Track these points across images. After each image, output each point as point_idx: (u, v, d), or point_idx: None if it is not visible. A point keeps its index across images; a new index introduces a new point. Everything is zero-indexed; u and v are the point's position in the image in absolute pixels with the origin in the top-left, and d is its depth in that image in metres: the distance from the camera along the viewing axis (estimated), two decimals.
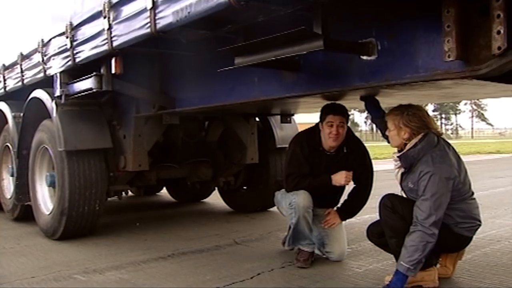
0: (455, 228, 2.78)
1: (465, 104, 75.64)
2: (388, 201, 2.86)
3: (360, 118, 73.09)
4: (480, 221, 2.89)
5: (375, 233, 3.11)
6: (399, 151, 2.88)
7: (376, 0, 2.34)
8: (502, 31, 1.79)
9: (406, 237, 2.66)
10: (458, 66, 2.03)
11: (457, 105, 73.10)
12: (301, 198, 3.36)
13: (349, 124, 3.56)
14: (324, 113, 3.43)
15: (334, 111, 3.40)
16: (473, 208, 2.87)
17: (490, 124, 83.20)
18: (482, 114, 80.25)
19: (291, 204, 3.38)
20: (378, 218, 3.04)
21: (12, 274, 3.46)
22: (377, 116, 3.30)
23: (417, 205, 2.67)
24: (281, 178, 3.98)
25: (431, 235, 2.61)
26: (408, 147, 2.80)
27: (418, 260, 2.62)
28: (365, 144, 3.79)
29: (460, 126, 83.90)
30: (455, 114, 79.80)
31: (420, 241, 2.60)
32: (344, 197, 3.72)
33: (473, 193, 2.88)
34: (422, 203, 2.64)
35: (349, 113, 3.68)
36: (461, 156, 2.95)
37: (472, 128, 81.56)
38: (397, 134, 2.85)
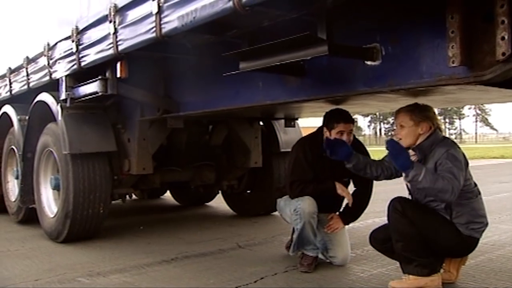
0: (466, 231, 2.76)
1: (469, 108, 75.53)
2: (398, 204, 2.85)
3: (363, 122, 73.13)
4: (487, 219, 2.89)
5: (378, 239, 3.11)
6: (411, 149, 2.93)
7: (380, 6, 2.35)
8: (506, 37, 1.80)
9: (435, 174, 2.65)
10: (462, 72, 2.03)
11: (461, 109, 72.96)
12: (306, 204, 3.35)
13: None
14: (334, 121, 3.37)
15: (346, 119, 3.37)
16: (482, 207, 2.88)
17: (494, 128, 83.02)
18: (486, 119, 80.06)
19: (296, 210, 3.37)
20: (381, 223, 3.04)
21: (17, 277, 3.47)
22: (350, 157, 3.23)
23: (439, 175, 2.63)
24: (282, 185, 3.97)
25: (451, 192, 2.57)
26: (420, 140, 2.86)
27: (420, 174, 2.59)
28: (368, 148, 3.79)
29: (464, 131, 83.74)
30: (459, 118, 79.61)
31: (441, 181, 2.58)
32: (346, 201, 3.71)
33: (480, 192, 2.90)
34: (449, 170, 2.63)
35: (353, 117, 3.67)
36: None
37: (476, 133, 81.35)
38: (413, 130, 2.87)
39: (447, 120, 77.88)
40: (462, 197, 2.71)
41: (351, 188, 3.66)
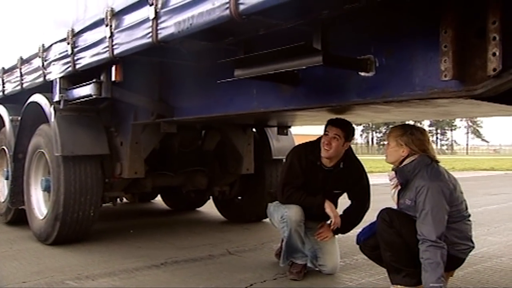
0: (451, 250, 2.77)
1: (461, 120, 76.13)
2: (386, 215, 2.88)
3: (356, 131, 73.33)
4: (473, 243, 2.91)
5: (368, 246, 3.12)
6: (393, 169, 2.93)
7: (375, 18, 2.38)
8: (497, 53, 1.83)
9: (420, 258, 2.65)
10: (454, 86, 2.06)
11: (453, 121, 73.53)
12: (293, 212, 3.36)
13: None
14: (326, 124, 3.47)
15: (333, 123, 3.42)
16: (469, 230, 2.89)
17: (485, 140, 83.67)
18: (478, 131, 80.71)
19: (283, 217, 3.39)
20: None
21: (4, 278, 3.44)
22: None
23: (420, 221, 2.69)
24: (274, 190, 3.98)
25: (442, 247, 2.63)
26: (404, 164, 2.86)
27: (442, 274, 2.61)
28: (360, 157, 3.81)
29: (456, 142, 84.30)
30: (451, 130, 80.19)
31: (435, 254, 2.61)
32: (339, 211, 3.72)
33: (469, 215, 2.91)
34: (425, 218, 2.66)
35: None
36: (456, 172, 2.98)
37: (467, 144, 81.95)
38: (396, 151, 2.90)
39: (439, 131, 78.45)
40: (448, 221, 2.72)
41: (346, 200, 3.67)
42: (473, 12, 1.96)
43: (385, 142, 3.06)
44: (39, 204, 4.90)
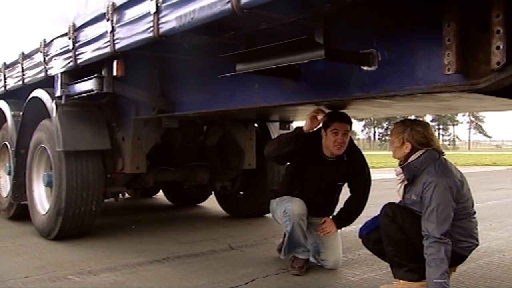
0: (454, 247, 2.74)
1: (463, 115, 75.98)
2: (389, 210, 2.87)
3: (358, 127, 73.30)
4: (478, 241, 2.89)
5: (370, 240, 3.11)
6: (399, 164, 2.91)
7: (377, 12, 2.36)
8: (501, 47, 1.81)
9: (424, 254, 2.64)
10: (457, 80, 2.05)
11: (455, 116, 73.32)
12: (295, 206, 3.36)
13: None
14: (329, 120, 3.39)
15: (340, 118, 3.39)
16: (474, 227, 2.87)
17: (487, 136, 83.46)
18: (480, 126, 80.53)
19: (286, 211, 3.38)
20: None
21: (6, 273, 3.45)
22: None
23: (425, 217, 2.67)
24: (276, 187, 3.98)
25: (446, 243, 2.62)
26: (411, 159, 2.83)
27: (446, 269, 2.61)
28: (362, 153, 3.80)
29: (458, 137, 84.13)
30: (453, 125, 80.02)
31: (439, 250, 2.60)
32: (340, 205, 3.73)
33: (475, 212, 2.89)
34: (430, 215, 2.64)
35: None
36: (458, 168, 2.96)
37: (469, 140, 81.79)
38: (400, 147, 2.88)
39: (441, 127, 78.29)
40: (454, 218, 2.70)
41: (347, 194, 3.67)
42: (477, 5, 1.95)
43: (389, 139, 3.05)
44: (41, 199, 4.91)
